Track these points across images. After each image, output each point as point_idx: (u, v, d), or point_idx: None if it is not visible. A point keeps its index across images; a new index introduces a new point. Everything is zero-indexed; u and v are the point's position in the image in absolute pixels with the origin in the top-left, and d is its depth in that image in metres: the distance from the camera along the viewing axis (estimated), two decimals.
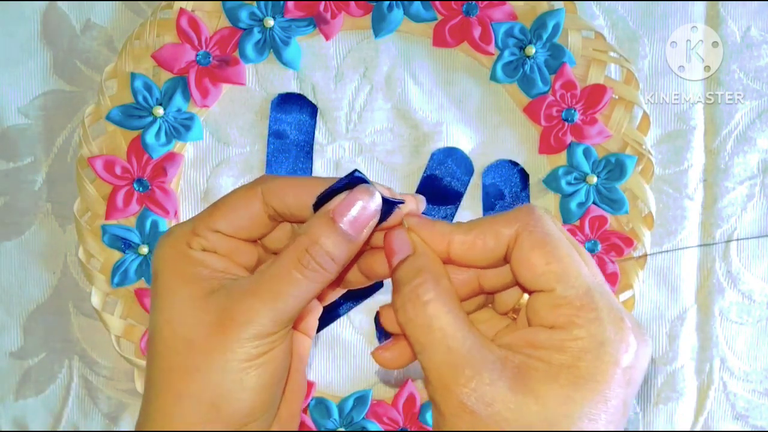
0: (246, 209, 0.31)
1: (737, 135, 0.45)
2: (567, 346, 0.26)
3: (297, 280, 0.29)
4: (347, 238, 0.29)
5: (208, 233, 0.31)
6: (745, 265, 0.45)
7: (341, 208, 0.29)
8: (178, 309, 0.30)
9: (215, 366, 0.29)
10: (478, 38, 0.43)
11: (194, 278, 0.30)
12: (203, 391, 0.29)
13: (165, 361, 0.30)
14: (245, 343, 0.28)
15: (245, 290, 0.29)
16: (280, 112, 0.44)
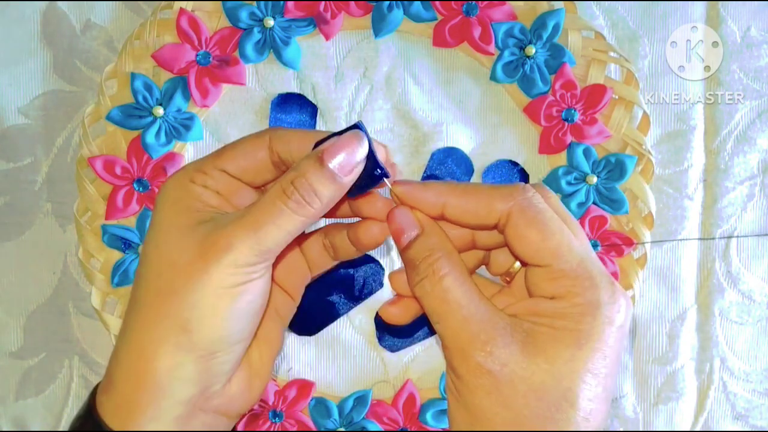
0: (253, 152, 0.33)
1: (737, 135, 0.45)
2: (568, 313, 0.28)
3: (280, 209, 0.30)
4: (333, 176, 0.30)
5: (214, 171, 0.32)
6: (745, 265, 0.45)
7: (331, 149, 0.31)
8: (166, 235, 0.31)
9: (191, 288, 0.30)
10: (478, 38, 0.43)
11: (187, 209, 0.31)
12: (178, 313, 0.30)
13: (148, 283, 0.31)
14: (223, 270, 0.30)
15: (230, 220, 0.31)
16: (280, 112, 0.44)
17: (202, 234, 0.30)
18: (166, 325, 0.30)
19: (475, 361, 0.28)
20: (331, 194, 0.30)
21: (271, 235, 0.30)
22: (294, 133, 0.33)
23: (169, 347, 0.30)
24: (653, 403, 0.46)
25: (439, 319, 0.30)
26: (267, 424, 0.44)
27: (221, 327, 0.30)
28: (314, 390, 0.45)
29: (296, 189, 0.30)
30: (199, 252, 0.30)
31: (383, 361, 0.46)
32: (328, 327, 0.45)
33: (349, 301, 0.45)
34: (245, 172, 0.33)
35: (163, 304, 0.30)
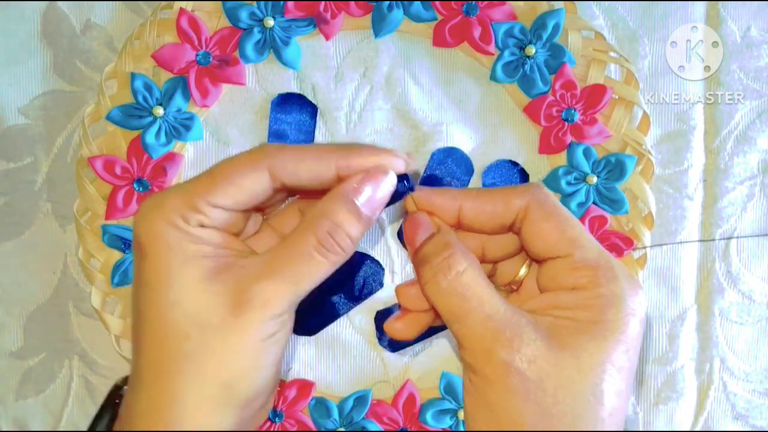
0: (250, 183, 0.30)
1: (737, 135, 0.45)
2: (591, 304, 0.28)
3: (318, 262, 0.29)
4: (364, 218, 0.30)
5: (207, 208, 0.29)
6: (745, 265, 0.45)
7: (361, 190, 0.30)
8: (181, 291, 0.29)
9: (232, 348, 0.28)
10: (478, 38, 0.43)
11: (197, 257, 0.29)
12: (218, 373, 0.29)
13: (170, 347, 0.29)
14: (261, 324, 0.29)
15: (261, 271, 0.29)
16: (280, 112, 0.44)
17: (229, 287, 0.29)
18: (208, 386, 0.29)
19: (501, 360, 0.27)
20: (363, 233, 0.30)
21: (308, 287, 0.30)
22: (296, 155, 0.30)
23: (212, 407, 0.29)
24: (653, 403, 0.46)
25: (458, 319, 0.28)
26: (267, 424, 0.44)
27: (265, 377, 0.30)
28: (314, 390, 0.45)
29: (335, 241, 0.29)
30: (232, 308, 0.28)
31: (383, 361, 0.46)
32: (328, 327, 0.45)
33: (349, 301, 0.45)
34: (242, 204, 0.30)
35: (201, 366, 0.29)
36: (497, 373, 0.27)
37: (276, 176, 0.30)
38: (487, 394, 0.28)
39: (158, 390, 0.29)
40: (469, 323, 0.28)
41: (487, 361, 0.28)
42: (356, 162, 0.30)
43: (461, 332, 0.29)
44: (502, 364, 0.27)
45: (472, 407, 0.29)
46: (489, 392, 0.28)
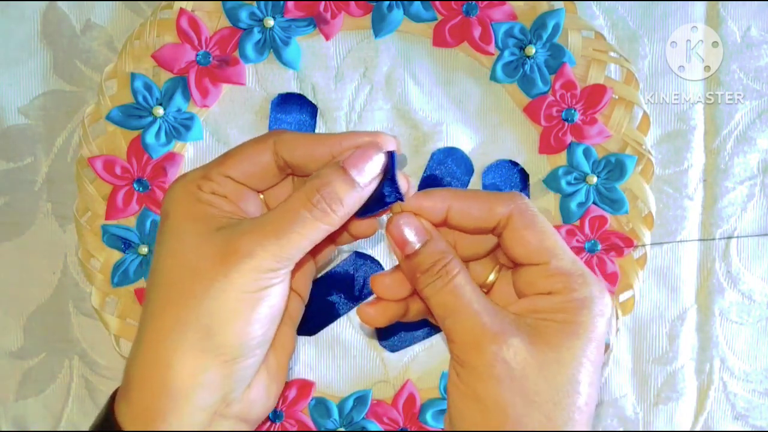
0: (257, 157, 0.33)
1: (737, 135, 0.45)
2: (566, 307, 0.30)
3: (304, 218, 0.31)
4: (356, 185, 0.31)
5: (220, 178, 0.33)
6: (745, 265, 0.45)
7: (353, 158, 0.32)
8: (184, 242, 0.31)
9: (214, 293, 0.30)
10: (478, 38, 0.43)
11: (203, 216, 0.32)
12: (199, 318, 0.30)
13: (166, 290, 0.31)
14: (245, 275, 0.30)
15: (252, 225, 0.31)
16: (280, 112, 0.44)
17: (222, 239, 0.31)
18: (188, 330, 0.30)
19: (490, 351, 0.29)
20: (354, 202, 0.32)
21: (294, 243, 0.31)
22: (298, 136, 0.33)
23: (191, 352, 0.30)
24: (653, 403, 0.46)
25: (450, 314, 0.31)
26: (267, 424, 0.44)
27: (244, 332, 0.31)
28: (314, 390, 0.45)
29: (323, 197, 0.31)
30: (220, 257, 0.30)
31: (383, 361, 0.46)
32: (328, 327, 0.45)
33: (349, 301, 0.45)
34: (250, 177, 0.33)
35: (184, 310, 0.30)
36: (486, 363, 0.30)
37: (278, 153, 0.33)
38: (474, 384, 0.30)
39: (148, 336, 0.31)
40: (461, 318, 0.31)
41: (476, 353, 0.30)
42: (348, 141, 0.33)
43: (453, 327, 0.31)
44: (491, 355, 0.29)
45: (459, 399, 0.31)
46: (477, 383, 0.30)
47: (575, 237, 0.43)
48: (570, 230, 0.43)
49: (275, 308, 0.32)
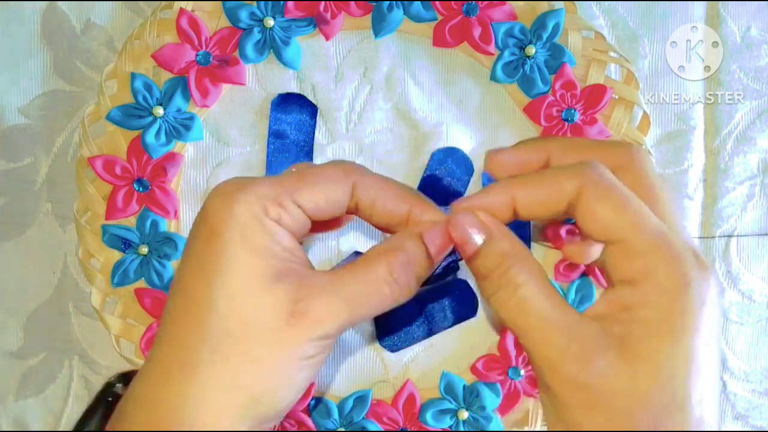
0: (334, 193, 0.29)
1: (737, 135, 0.45)
2: (653, 300, 0.25)
3: (383, 293, 0.28)
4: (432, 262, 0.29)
5: (291, 206, 0.29)
6: (745, 265, 0.45)
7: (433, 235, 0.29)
8: (244, 285, 0.27)
9: (273, 359, 0.27)
10: (478, 38, 0.43)
11: (266, 253, 0.27)
12: (253, 383, 0.27)
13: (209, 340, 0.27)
14: (310, 342, 0.27)
15: (322, 285, 0.28)
16: (280, 112, 0.44)
17: (288, 295, 0.27)
18: (235, 394, 0.27)
19: (567, 376, 0.25)
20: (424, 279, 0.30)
21: (364, 315, 0.28)
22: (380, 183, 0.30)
23: (233, 416, 0.27)
24: None
25: (523, 333, 0.27)
26: None
27: (291, 398, 0.28)
28: (314, 390, 0.45)
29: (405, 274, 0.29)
30: (287, 319, 0.27)
31: (383, 361, 0.46)
32: None
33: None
34: (319, 210, 0.30)
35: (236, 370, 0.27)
36: (565, 389, 0.26)
37: (356, 195, 0.30)
38: (560, 410, 0.26)
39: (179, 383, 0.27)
40: (534, 337, 0.26)
41: (553, 377, 0.26)
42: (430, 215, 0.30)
43: (526, 347, 0.27)
44: (569, 380, 0.25)
45: (550, 421, 0.27)
46: (561, 409, 0.26)
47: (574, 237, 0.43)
48: (570, 230, 0.43)
49: (318, 369, 0.29)
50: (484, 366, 0.44)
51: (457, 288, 0.45)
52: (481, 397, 0.43)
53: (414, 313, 0.45)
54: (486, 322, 0.45)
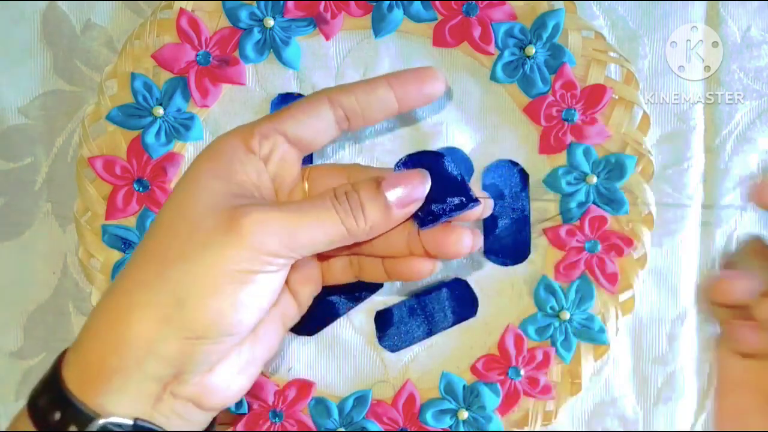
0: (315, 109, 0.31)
1: (737, 135, 0.45)
2: None
3: (327, 209, 0.29)
4: (386, 206, 0.30)
5: (274, 134, 0.31)
6: None
7: (392, 179, 0.30)
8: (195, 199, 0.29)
9: (202, 260, 0.28)
10: (478, 38, 0.43)
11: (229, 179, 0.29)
12: (178, 283, 0.28)
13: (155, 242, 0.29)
14: (243, 250, 0.27)
15: (269, 205, 0.29)
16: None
17: (235, 205, 0.28)
18: (161, 293, 0.28)
19: None
20: (379, 222, 0.30)
21: (308, 233, 0.29)
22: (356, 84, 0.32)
23: (155, 318, 0.28)
24: (653, 403, 0.46)
25: None
26: (267, 424, 0.44)
27: (218, 312, 0.28)
28: (314, 390, 0.45)
29: (348, 200, 0.29)
30: (225, 222, 0.28)
31: (383, 361, 0.46)
32: (328, 327, 0.45)
33: (349, 301, 0.45)
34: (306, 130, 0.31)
35: (166, 268, 0.28)
36: None
37: (336, 102, 0.31)
38: None
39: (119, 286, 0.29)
40: None
41: None
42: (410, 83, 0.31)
43: None
44: None
45: None
46: None
47: (575, 237, 0.43)
48: (570, 230, 0.43)
49: (260, 298, 0.29)
50: (484, 366, 0.44)
51: (457, 288, 0.45)
52: (481, 397, 0.43)
53: (414, 313, 0.45)
54: (486, 322, 0.45)
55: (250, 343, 0.32)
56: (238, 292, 0.28)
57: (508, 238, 0.44)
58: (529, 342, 0.44)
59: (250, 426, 0.44)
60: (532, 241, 0.44)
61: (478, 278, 0.45)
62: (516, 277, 0.45)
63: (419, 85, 0.32)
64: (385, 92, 0.32)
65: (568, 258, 0.43)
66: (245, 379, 0.32)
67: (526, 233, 0.44)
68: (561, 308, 0.43)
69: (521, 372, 0.43)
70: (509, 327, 0.44)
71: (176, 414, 0.30)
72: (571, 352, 0.43)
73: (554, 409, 0.44)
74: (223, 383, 0.30)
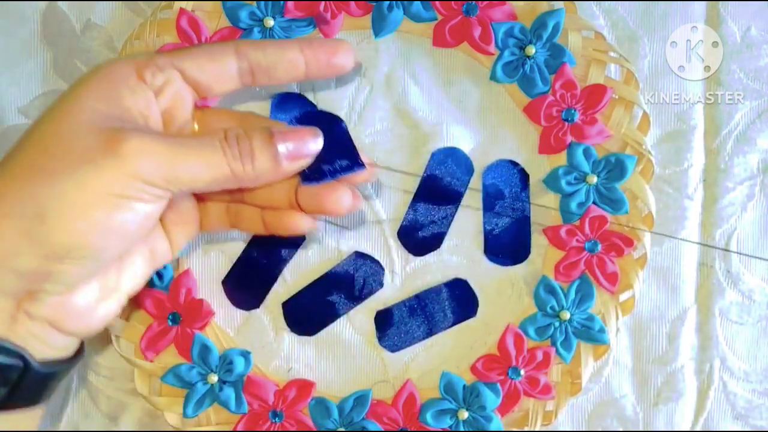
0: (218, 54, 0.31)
1: (737, 135, 0.45)
2: None
3: (213, 147, 0.29)
4: (275, 157, 0.30)
5: (170, 69, 0.30)
6: (745, 265, 0.45)
7: (285, 133, 0.30)
8: (76, 109, 0.28)
9: (72, 176, 0.26)
10: (478, 38, 0.43)
11: (111, 103, 0.28)
12: (42, 197, 0.26)
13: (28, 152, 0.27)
14: (117, 173, 0.27)
15: (154, 134, 0.28)
16: (280, 111, 0.44)
17: (115, 128, 0.27)
18: (24, 204, 0.26)
19: None
20: (266, 171, 0.30)
21: (190, 168, 0.28)
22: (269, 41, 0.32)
23: (13, 230, 0.26)
24: (653, 403, 0.46)
25: None
26: (267, 424, 0.44)
27: (82, 234, 0.27)
28: (314, 390, 0.45)
29: (238, 143, 0.29)
30: (103, 142, 0.26)
31: (383, 361, 0.46)
32: (328, 327, 0.45)
33: (349, 301, 0.45)
34: (205, 73, 0.31)
35: (31, 183, 0.26)
36: None
37: (243, 53, 0.31)
38: None
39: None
40: None
41: None
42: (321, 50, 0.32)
43: None
44: None
45: None
46: None
47: (575, 237, 0.43)
48: (570, 230, 0.43)
49: (129, 226, 0.28)
50: (484, 366, 0.44)
51: (457, 288, 0.45)
52: (481, 397, 0.43)
53: (414, 313, 0.45)
54: (486, 322, 0.45)
55: (116, 271, 0.31)
56: (107, 217, 0.27)
57: (508, 238, 0.45)
58: (529, 342, 0.44)
59: (250, 426, 0.44)
60: (532, 241, 0.45)
61: (478, 278, 0.45)
62: (516, 277, 0.45)
63: (329, 55, 0.32)
64: (295, 54, 0.32)
65: (568, 258, 0.43)
66: (107, 307, 0.31)
67: (526, 233, 0.44)
68: (561, 308, 0.43)
69: (521, 372, 0.43)
70: (509, 327, 0.44)
71: (34, 336, 0.29)
72: (571, 352, 0.43)
73: (554, 409, 0.44)
74: (83, 307, 0.30)
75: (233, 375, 0.43)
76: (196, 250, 0.45)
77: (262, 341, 0.45)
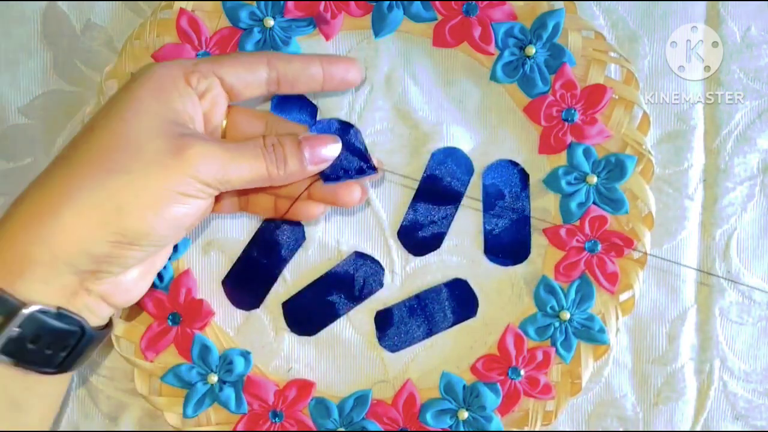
0: (253, 64, 0.35)
1: (737, 135, 0.45)
2: None
3: (257, 154, 0.33)
4: (302, 160, 0.34)
5: (212, 76, 0.34)
6: (745, 265, 0.45)
7: (311, 140, 0.35)
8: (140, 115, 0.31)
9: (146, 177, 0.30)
10: (478, 38, 0.43)
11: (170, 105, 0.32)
12: (121, 193, 0.30)
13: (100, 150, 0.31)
14: (184, 175, 0.31)
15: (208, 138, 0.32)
16: (280, 111, 0.44)
17: (179, 133, 0.31)
18: (103, 198, 0.30)
19: None
20: (295, 173, 0.34)
21: (238, 170, 0.32)
22: (291, 55, 0.36)
23: (95, 219, 0.30)
24: (653, 403, 0.46)
25: None
26: (267, 424, 0.44)
27: (151, 225, 0.31)
28: (314, 390, 0.45)
29: (275, 150, 0.34)
30: (172, 149, 0.31)
31: (383, 361, 0.46)
32: (328, 327, 0.45)
33: (349, 301, 0.45)
34: (240, 82, 0.35)
35: (107, 178, 0.30)
36: None
37: (273, 65, 0.35)
38: None
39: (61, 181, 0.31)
40: None
41: None
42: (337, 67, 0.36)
43: None
44: None
45: None
46: None
47: (575, 237, 0.43)
48: (570, 230, 0.43)
49: (186, 219, 0.32)
50: (484, 366, 0.44)
51: (457, 288, 0.45)
52: (481, 397, 0.43)
53: (414, 313, 0.45)
54: (486, 322, 0.45)
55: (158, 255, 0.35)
56: (171, 210, 0.31)
57: (508, 238, 0.45)
58: (529, 342, 0.44)
59: (250, 426, 0.44)
60: (532, 241, 0.44)
61: (478, 278, 0.45)
62: (516, 277, 0.45)
63: (344, 72, 0.36)
64: (317, 69, 0.36)
65: (568, 258, 0.43)
66: (146, 283, 0.35)
67: (526, 233, 0.44)
68: (561, 308, 0.43)
69: (521, 372, 0.43)
70: (509, 327, 0.44)
71: (87, 308, 0.33)
72: (571, 352, 0.43)
73: (554, 409, 0.44)
74: (130, 284, 0.34)
75: (233, 375, 0.43)
76: (196, 250, 0.45)
77: (262, 341, 0.45)
